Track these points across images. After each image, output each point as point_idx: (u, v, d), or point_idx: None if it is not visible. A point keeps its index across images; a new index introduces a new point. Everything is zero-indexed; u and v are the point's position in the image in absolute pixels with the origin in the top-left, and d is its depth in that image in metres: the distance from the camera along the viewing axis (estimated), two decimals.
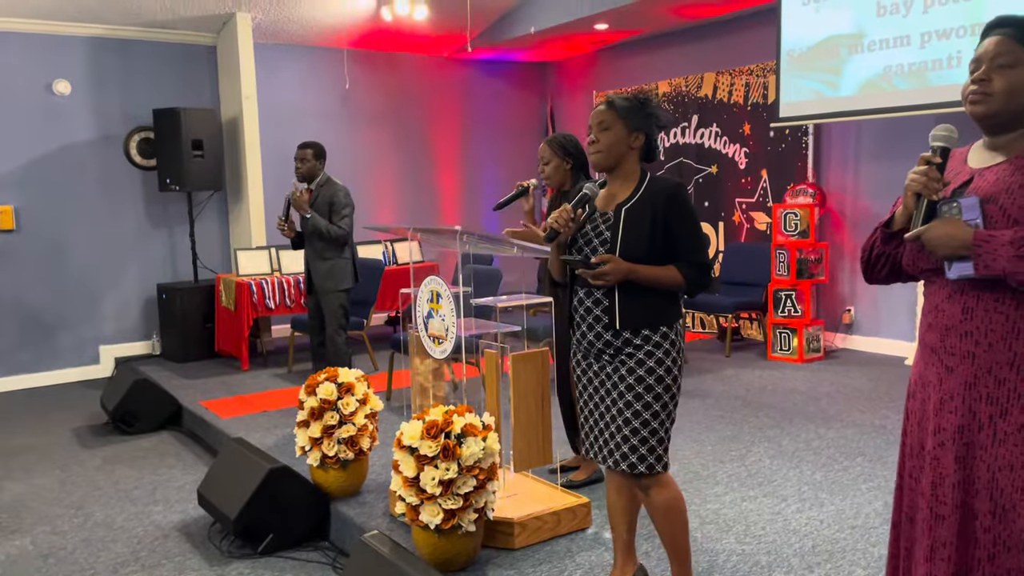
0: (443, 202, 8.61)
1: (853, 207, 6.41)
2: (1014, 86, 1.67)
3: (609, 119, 2.42)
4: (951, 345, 1.72)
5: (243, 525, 3.30)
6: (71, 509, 3.94)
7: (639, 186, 2.43)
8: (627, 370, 2.38)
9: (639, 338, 2.37)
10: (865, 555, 2.92)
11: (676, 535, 2.46)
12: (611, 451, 2.43)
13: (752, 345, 6.77)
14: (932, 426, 1.76)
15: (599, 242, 2.43)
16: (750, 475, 3.75)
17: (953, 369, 1.72)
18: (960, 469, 1.71)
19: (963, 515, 1.72)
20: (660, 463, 2.39)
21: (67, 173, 6.65)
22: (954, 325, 1.71)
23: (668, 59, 7.65)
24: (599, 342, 2.42)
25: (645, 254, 2.35)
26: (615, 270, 2.32)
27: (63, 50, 6.58)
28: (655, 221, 2.36)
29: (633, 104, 2.43)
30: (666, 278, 2.36)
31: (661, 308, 2.39)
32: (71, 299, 6.71)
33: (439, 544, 2.81)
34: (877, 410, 4.74)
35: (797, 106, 6.11)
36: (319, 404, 3.46)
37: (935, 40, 5.26)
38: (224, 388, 5.77)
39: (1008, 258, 1.57)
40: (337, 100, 7.88)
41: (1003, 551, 1.67)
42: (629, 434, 2.37)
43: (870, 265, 1.90)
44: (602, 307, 2.40)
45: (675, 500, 2.44)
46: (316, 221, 4.85)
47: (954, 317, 1.71)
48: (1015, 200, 1.63)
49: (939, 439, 1.75)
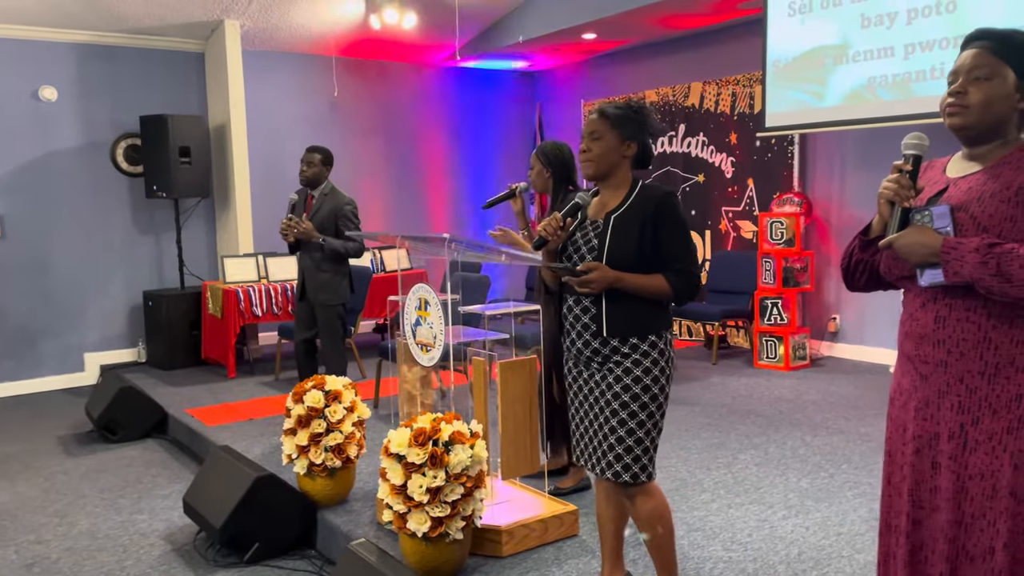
0: (431, 210, 8.61)
1: (838, 216, 6.46)
2: (990, 98, 1.69)
3: (601, 129, 2.42)
4: (925, 353, 1.74)
5: (229, 534, 3.29)
6: (55, 518, 3.91)
7: (629, 194, 2.43)
8: (614, 378, 2.38)
9: (627, 346, 2.37)
10: (851, 562, 2.94)
11: (662, 544, 2.46)
12: (598, 459, 2.43)
13: (738, 353, 6.80)
14: (910, 433, 1.78)
15: (587, 250, 2.43)
16: (736, 482, 3.77)
17: (927, 377, 1.75)
18: (933, 477, 1.74)
19: (935, 523, 1.73)
20: (644, 473, 2.39)
21: (53, 179, 6.62)
22: (927, 334, 1.73)
23: (656, 69, 7.70)
24: (587, 350, 2.43)
25: (632, 262, 2.35)
26: (600, 278, 2.32)
27: (50, 56, 6.56)
28: (643, 229, 2.36)
29: (626, 113, 2.43)
30: (653, 286, 2.36)
31: (649, 316, 2.39)
32: (56, 306, 6.66)
33: (426, 552, 2.81)
34: (863, 418, 4.77)
35: (783, 116, 6.16)
36: (306, 412, 3.46)
37: (919, 51, 5.32)
38: (210, 396, 5.74)
39: (974, 264, 1.60)
40: (326, 108, 7.89)
41: (965, 561, 1.68)
42: (615, 442, 2.37)
43: (849, 273, 1.92)
44: (590, 315, 2.41)
45: (660, 509, 2.45)
46: (331, 244, 4.74)
47: (927, 326, 1.73)
48: (985, 208, 1.66)
49: (915, 445, 1.77)
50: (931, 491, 1.74)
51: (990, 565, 1.65)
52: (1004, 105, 1.69)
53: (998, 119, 1.70)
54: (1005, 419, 1.64)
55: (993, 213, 1.65)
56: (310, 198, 4.92)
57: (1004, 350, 1.65)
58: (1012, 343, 1.64)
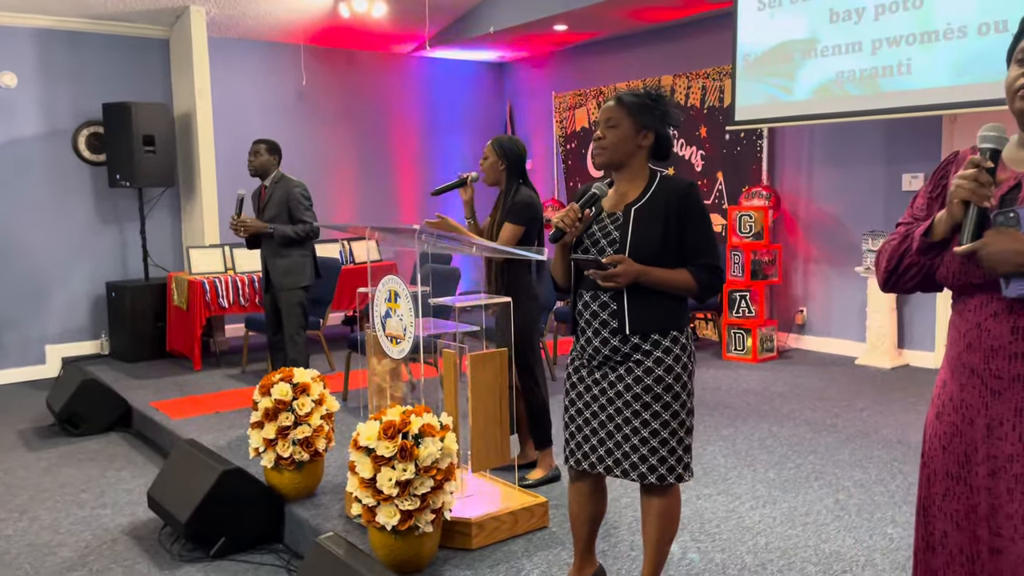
0: (401, 201, 8.56)
1: (806, 210, 6.53)
2: None
3: (617, 116, 2.34)
4: (998, 368, 1.57)
5: (195, 528, 3.24)
6: (15, 513, 3.83)
7: (649, 186, 2.36)
8: (634, 379, 2.31)
9: (648, 343, 2.31)
10: (817, 551, 2.98)
11: (662, 542, 2.44)
12: (617, 461, 2.36)
13: (707, 345, 6.85)
14: (981, 454, 1.61)
15: (607, 243, 2.34)
16: (705, 473, 3.79)
17: (1000, 393, 1.57)
18: (1011, 501, 1.58)
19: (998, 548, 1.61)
20: (672, 474, 2.33)
21: (13, 168, 6.46)
22: (1002, 346, 1.56)
23: (626, 61, 7.71)
24: (605, 348, 2.35)
25: (655, 256, 2.28)
26: (627, 271, 2.23)
27: (9, 41, 6.39)
28: (667, 222, 2.29)
29: (643, 101, 2.35)
30: (677, 281, 2.29)
31: (671, 312, 2.32)
32: (16, 297, 6.52)
33: (396, 545, 2.79)
34: (829, 409, 4.83)
35: (752, 109, 6.20)
36: (273, 405, 3.41)
37: (885, 47, 5.38)
38: (175, 388, 5.65)
39: None
40: (293, 97, 7.79)
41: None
42: (638, 443, 2.31)
43: (897, 275, 1.71)
44: (609, 311, 2.33)
45: (674, 508, 2.42)
46: (281, 231, 4.78)
47: (1002, 337, 1.56)
48: None
49: (990, 467, 1.60)
50: (1007, 517, 1.57)
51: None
52: None
53: None
54: None
55: None
56: (263, 188, 4.96)
57: None
58: None
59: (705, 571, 2.84)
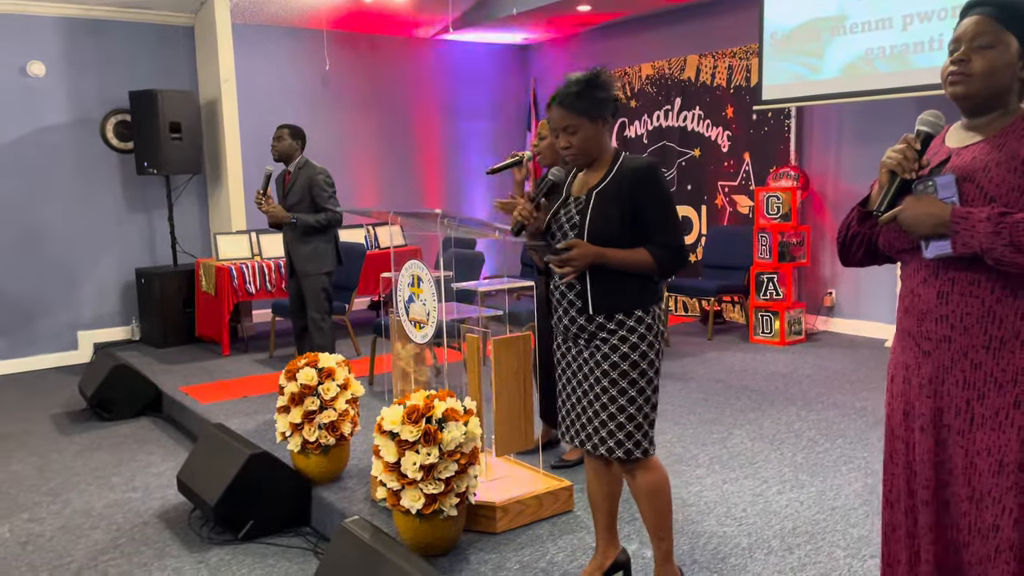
0: (425, 185, 8.55)
1: (835, 190, 6.42)
2: (993, 67, 1.64)
3: (573, 122, 2.33)
4: (928, 329, 1.71)
5: (223, 511, 3.28)
6: (49, 496, 3.90)
7: (611, 168, 2.38)
8: (601, 355, 2.36)
9: (613, 323, 2.34)
10: (845, 536, 2.94)
11: (660, 518, 2.45)
12: (588, 436, 2.42)
13: (734, 328, 6.79)
14: (914, 411, 1.76)
15: (569, 227, 2.39)
16: (731, 457, 3.77)
17: (930, 353, 1.72)
18: (939, 453, 1.72)
19: (942, 500, 1.72)
20: (639, 449, 2.37)
21: (43, 156, 6.54)
22: (930, 309, 1.70)
23: (651, 41, 7.62)
24: (574, 326, 2.41)
25: (614, 237, 2.31)
26: (581, 255, 2.28)
27: (37, 31, 6.46)
28: (623, 202, 2.31)
29: (586, 95, 2.32)
30: (636, 261, 2.31)
31: (635, 292, 2.35)
32: (48, 284, 6.62)
33: (420, 529, 2.80)
34: (858, 392, 4.77)
35: (779, 89, 6.11)
36: (299, 389, 3.44)
37: (916, 23, 5.26)
38: (204, 374, 5.72)
39: (986, 234, 1.56)
40: (317, 82, 7.80)
41: (977, 537, 1.67)
42: (607, 419, 2.36)
43: (845, 246, 1.88)
44: (575, 291, 2.38)
45: (659, 483, 2.43)
46: (304, 220, 4.83)
47: (930, 301, 1.70)
48: (992, 178, 1.62)
49: (920, 423, 1.75)
50: (936, 466, 1.72)
51: (994, 542, 1.63)
52: (1007, 74, 1.65)
53: (1001, 88, 1.66)
54: (1011, 393, 1.62)
55: (1000, 183, 1.61)
56: (287, 174, 4.99)
57: (1009, 323, 1.62)
58: (1017, 316, 1.62)
59: (731, 555, 2.83)
